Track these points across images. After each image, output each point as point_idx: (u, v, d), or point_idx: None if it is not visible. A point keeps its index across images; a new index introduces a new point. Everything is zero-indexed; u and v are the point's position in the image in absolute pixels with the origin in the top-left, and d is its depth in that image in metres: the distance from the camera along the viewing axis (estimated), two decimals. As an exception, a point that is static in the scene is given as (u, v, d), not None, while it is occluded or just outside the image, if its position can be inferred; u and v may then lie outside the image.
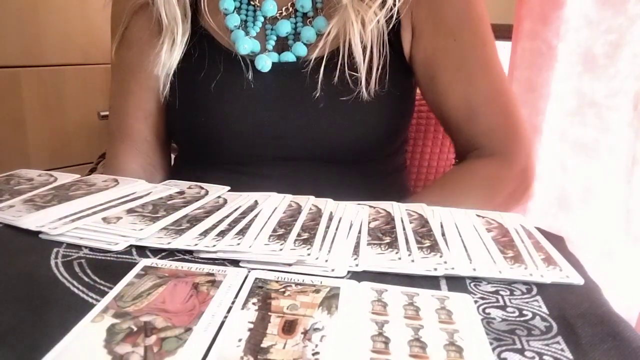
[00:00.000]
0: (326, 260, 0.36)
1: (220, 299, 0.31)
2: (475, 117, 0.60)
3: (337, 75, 0.58)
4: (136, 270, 0.34)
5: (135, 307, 0.30)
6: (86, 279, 0.34)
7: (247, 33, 0.61)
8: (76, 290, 0.32)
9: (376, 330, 0.28)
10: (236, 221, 0.43)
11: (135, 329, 0.28)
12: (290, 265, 0.36)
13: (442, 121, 0.65)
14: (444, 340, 0.27)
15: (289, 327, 0.28)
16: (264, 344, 0.26)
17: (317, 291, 0.32)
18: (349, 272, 0.35)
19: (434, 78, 0.61)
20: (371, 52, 0.57)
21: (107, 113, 0.70)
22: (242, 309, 0.30)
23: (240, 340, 0.27)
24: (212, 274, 0.34)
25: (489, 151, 0.60)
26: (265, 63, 0.60)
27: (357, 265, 0.36)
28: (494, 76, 0.60)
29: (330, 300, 0.31)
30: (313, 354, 0.26)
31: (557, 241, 0.42)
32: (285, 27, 0.61)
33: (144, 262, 0.35)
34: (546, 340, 0.28)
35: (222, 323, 0.28)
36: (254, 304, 0.30)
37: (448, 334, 0.28)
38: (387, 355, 0.26)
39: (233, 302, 0.30)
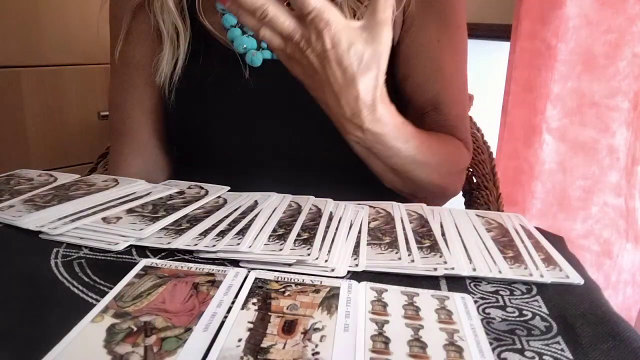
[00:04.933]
0: (326, 260, 0.36)
1: (220, 299, 0.31)
2: (442, 113, 0.62)
3: None
4: (136, 270, 0.34)
5: (135, 307, 0.30)
6: (86, 279, 0.34)
7: (243, 32, 0.61)
8: (76, 290, 0.32)
9: (376, 330, 0.28)
10: (236, 221, 0.43)
11: (135, 329, 0.28)
12: (290, 265, 0.36)
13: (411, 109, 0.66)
14: (444, 340, 0.27)
15: (288, 327, 0.28)
16: (264, 344, 0.26)
17: (317, 291, 0.32)
18: (349, 272, 0.35)
19: (409, 76, 0.62)
20: None
21: (107, 113, 0.69)
22: (242, 309, 0.30)
23: (240, 340, 0.27)
24: (212, 274, 0.34)
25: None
26: (254, 57, 0.59)
27: (357, 265, 0.36)
28: (462, 83, 0.64)
29: (330, 300, 0.31)
30: (313, 354, 0.26)
31: (557, 241, 0.42)
32: None
33: (144, 262, 0.35)
34: (546, 340, 0.28)
35: (222, 323, 0.28)
36: (253, 304, 0.30)
37: (448, 334, 0.28)
38: (387, 355, 0.26)
39: (233, 302, 0.31)
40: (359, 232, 0.42)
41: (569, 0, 0.95)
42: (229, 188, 0.52)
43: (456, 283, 0.35)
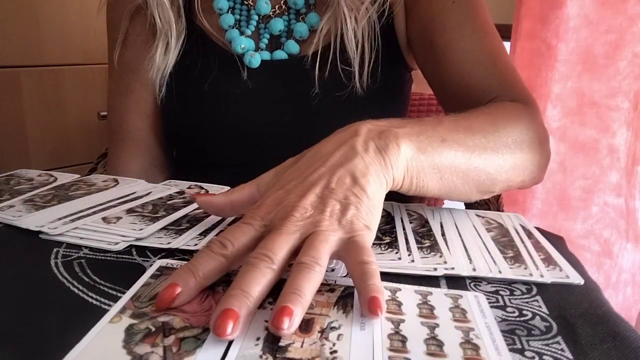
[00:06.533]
0: (326, 260, 0.36)
1: None
2: (486, 68, 0.56)
3: (330, 71, 0.58)
4: (151, 270, 0.34)
5: (152, 308, 0.30)
6: (86, 279, 0.34)
7: (241, 32, 0.61)
8: (76, 291, 0.32)
9: (392, 329, 0.28)
10: (236, 221, 0.42)
11: (153, 329, 0.28)
12: (290, 265, 0.36)
13: (443, 88, 0.60)
14: (460, 338, 0.28)
15: (305, 326, 0.28)
16: (282, 343, 0.27)
17: (332, 290, 0.32)
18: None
19: (432, 42, 0.58)
20: (363, 46, 0.58)
21: (106, 113, 0.70)
22: (259, 308, 0.30)
23: (258, 339, 0.27)
24: (227, 274, 0.34)
25: (507, 99, 0.55)
26: (252, 58, 0.59)
27: (357, 265, 0.36)
28: (495, 37, 0.58)
29: (346, 299, 0.31)
30: (331, 352, 0.26)
31: (557, 241, 0.42)
32: (277, 25, 0.61)
33: (159, 263, 0.35)
34: (546, 340, 0.28)
35: None
36: (269, 302, 0.30)
37: (463, 332, 0.28)
38: (405, 353, 0.26)
39: None
40: (359, 232, 0.42)
41: (569, 1, 0.95)
42: (228, 188, 0.52)
43: (456, 283, 0.35)
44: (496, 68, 0.56)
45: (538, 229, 0.44)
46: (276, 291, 0.29)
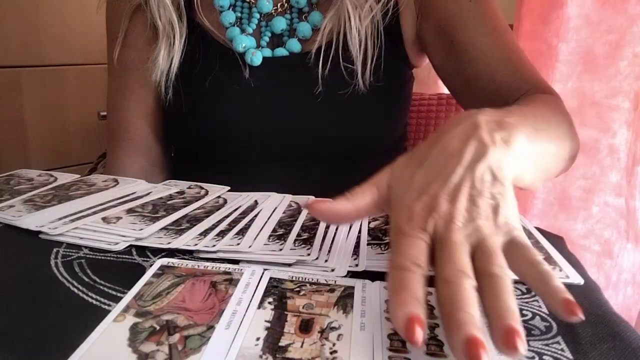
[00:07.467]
0: (326, 260, 0.36)
1: (239, 297, 0.31)
2: (513, 64, 0.57)
3: (332, 69, 0.58)
4: (153, 269, 0.34)
5: (155, 306, 0.30)
6: (86, 279, 0.34)
7: (242, 30, 0.61)
8: (76, 291, 0.32)
9: (392, 329, 0.28)
10: (236, 221, 0.43)
11: (157, 327, 0.28)
12: (290, 265, 0.36)
13: (467, 86, 0.60)
14: None
15: (305, 326, 0.28)
16: (282, 343, 0.27)
17: (332, 290, 0.32)
18: (349, 272, 0.35)
19: (452, 41, 0.59)
20: (366, 43, 0.58)
21: (106, 113, 0.69)
22: (259, 308, 0.30)
23: (258, 339, 0.27)
24: (229, 272, 0.34)
25: (539, 93, 0.55)
26: (253, 56, 0.59)
27: (357, 265, 0.36)
28: (511, 34, 0.59)
29: (345, 299, 0.31)
30: (331, 352, 0.26)
31: (557, 241, 0.42)
32: (280, 24, 0.61)
33: (160, 262, 0.35)
34: (546, 340, 0.28)
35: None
36: (269, 303, 0.30)
37: None
38: (405, 353, 0.26)
39: (251, 301, 0.31)
40: (359, 232, 0.42)
41: (569, 1, 0.95)
42: (229, 188, 0.52)
43: (456, 283, 0.34)
44: (522, 63, 0.57)
45: (538, 229, 0.44)
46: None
